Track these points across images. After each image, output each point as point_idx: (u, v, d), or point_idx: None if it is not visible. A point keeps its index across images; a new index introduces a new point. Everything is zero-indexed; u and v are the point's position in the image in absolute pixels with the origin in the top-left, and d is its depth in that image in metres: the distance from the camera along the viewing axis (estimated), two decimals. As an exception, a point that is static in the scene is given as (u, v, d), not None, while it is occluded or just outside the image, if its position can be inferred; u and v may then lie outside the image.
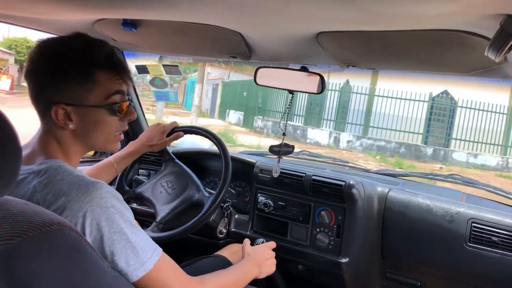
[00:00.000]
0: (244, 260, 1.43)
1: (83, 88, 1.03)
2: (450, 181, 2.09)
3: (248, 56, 1.62)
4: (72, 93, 1.02)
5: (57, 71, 1.01)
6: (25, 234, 0.72)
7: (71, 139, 1.07)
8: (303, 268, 1.93)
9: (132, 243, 0.96)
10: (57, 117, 1.02)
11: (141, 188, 1.79)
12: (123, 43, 1.87)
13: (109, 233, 0.94)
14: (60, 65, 1.01)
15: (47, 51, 1.03)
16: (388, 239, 1.83)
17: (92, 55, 1.04)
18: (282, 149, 1.80)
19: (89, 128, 1.07)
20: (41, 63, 1.02)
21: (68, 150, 1.07)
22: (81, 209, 0.92)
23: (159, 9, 1.23)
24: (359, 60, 1.53)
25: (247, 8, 1.10)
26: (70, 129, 1.04)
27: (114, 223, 0.95)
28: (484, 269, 1.64)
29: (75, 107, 1.03)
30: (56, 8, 1.32)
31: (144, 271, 0.97)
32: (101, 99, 1.06)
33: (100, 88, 1.05)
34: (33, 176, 0.98)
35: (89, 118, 1.06)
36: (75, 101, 1.03)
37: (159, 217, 1.68)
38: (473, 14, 0.88)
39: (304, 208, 1.90)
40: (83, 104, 1.04)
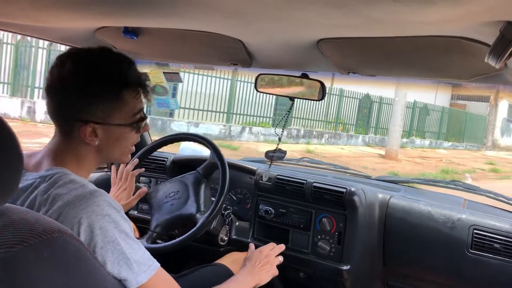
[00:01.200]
0: (240, 272, 1.43)
1: (112, 108, 1.04)
2: (452, 188, 2.09)
3: (249, 64, 1.63)
4: (102, 113, 1.03)
5: (91, 91, 1.01)
6: (26, 242, 0.72)
7: (91, 154, 1.07)
8: (304, 276, 1.92)
9: (125, 254, 0.95)
10: (85, 135, 1.02)
11: (155, 222, 1.76)
12: (124, 51, 1.87)
13: (102, 242, 0.93)
14: (94, 86, 1.01)
15: (80, 69, 1.02)
16: (390, 246, 1.82)
17: (121, 75, 1.04)
18: (276, 154, 1.81)
19: (111, 144, 1.09)
20: (73, 81, 1.01)
21: (84, 163, 1.07)
22: (76, 215, 0.91)
23: (160, 17, 1.24)
24: (359, 67, 1.53)
25: (247, 16, 1.11)
26: (95, 145, 1.05)
27: (108, 232, 0.94)
28: (486, 275, 1.64)
29: (103, 125, 1.04)
30: (57, 17, 1.33)
31: (136, 284, 0.96)
32: (127, 117, 1.08)
33: (127, 107, 1.06)
34: (39, 181, 0.98)
35: (114, 135, 1.08)
36: (103, 119, 1.04)
37: (195, 211, 1.71)
38: (473, 21, 0.89)
39: (305, 215, 1.89)
40: (110, 123, 1.05)
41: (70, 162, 1.04)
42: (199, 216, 1.69)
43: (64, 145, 1.05)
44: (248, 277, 1.41)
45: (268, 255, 1.56)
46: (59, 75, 1.01)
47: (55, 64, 1.02)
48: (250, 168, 2.09)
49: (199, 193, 1.76)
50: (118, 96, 1.04)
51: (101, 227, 0.93)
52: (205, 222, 1.65)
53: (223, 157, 1.76)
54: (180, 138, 1.96)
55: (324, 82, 1.61)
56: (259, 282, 1.44)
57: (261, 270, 1.47)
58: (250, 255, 1.54)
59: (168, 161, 2.22)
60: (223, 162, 1.74)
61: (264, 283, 1.47)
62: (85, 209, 0.92)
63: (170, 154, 2.29)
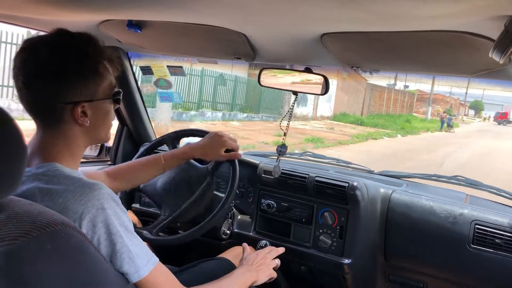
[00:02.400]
0: (238, 268, 1.43)
1: (95, 84, 1.05)
2: (454, 183, 2.09)
3: (252, 57, 1.63)
4: (88, 90, 1.04)
5: (73, 72, 1.01)
6: (29, 234, 0.72)
7: (80, 137, 1.07)
8: (306, 269, 1.93)
9: (128, 247, 0.96)
10: (77, 116, 1.03)
11: (148, 184, 1.78)
12: (128, 44, 1.87)
13: (105, 234, 0.94)
14: (75, 66, 1.01)
15: (57, 54, 1.00)
16: (391, 241, 1.83)
17: (95, 51, 1.05)
18: (282, 149, 1.81)
19: (100, 121, 1.10)
20: (54, 68, 0.99)
21: (75, 147, 1.07)
22: (77, 211, 0.92)
23: (164, 10, 1.24)
24: (363, 62, 1.53)
25: (251, 10, 1.11)
26: (86, 126, 1.05)
27: (110, 225, 0.94)
28: (487, 270, 1.64)
29: (90, 103, 1.05)
30: (61, 9, 1.33)
31: (138, 277, 0.97)
32: (108, 91, 1.09)
33: (105, 81, 1.07)
34: (32, 178, 0.97)
35: (101, 111, 1.09)
36: (91, 97, 1.05)
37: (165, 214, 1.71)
38: (477, 16, 0.89)
39: (307, 209, 1.90)
40: (96, 99, 1.06)
41: (61, 154, 1.04)
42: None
43: (52, 137, 1.04)
44: (247, 273, 1.41)
45: (265, 257, 1.56)
46: (36, 66, 0.99)
47: (26, 58, 1.00)
48: (252, 162, 2.09)
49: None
50: (97, 72, 1.05)
51: (103, 220, 0.93)
52: (211, 218, 1.65)
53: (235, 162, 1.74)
54: (185, 134, 1.96)
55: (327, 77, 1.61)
56: (257, 280, 1.44)
57: (258, 269, 1.47)
58: (246, 256, 1.53)
59: None
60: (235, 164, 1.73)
61: (260, 282, 1.47)
62: (86, 204, 0.92)
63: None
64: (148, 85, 2.11)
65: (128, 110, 2.28)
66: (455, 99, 55.90)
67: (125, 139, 2.36)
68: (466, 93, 58.26)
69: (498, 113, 53.98)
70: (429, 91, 41.42)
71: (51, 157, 1.02)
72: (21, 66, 1.00)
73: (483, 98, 69.25)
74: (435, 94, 47.25)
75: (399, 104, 38.10)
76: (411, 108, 41.96)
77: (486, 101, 69.63)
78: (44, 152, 1.03)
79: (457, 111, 54.05)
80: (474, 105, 65.70)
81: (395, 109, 36.49)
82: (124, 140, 2.36)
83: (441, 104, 46.23)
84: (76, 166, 1.09)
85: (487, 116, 61.33)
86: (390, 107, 35.24)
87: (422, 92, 47.14)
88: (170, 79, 2.19)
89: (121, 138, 2.37)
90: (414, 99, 43.78)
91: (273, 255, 1.59)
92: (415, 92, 45.74)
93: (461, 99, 59.10)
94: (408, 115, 35.84)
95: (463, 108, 60.55)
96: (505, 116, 52.42)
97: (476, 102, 65.91)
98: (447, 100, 51.56)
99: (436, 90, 48.53)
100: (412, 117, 35.05)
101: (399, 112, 36.16)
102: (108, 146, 2.30)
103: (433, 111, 40.96)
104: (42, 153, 1.03)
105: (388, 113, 33.62)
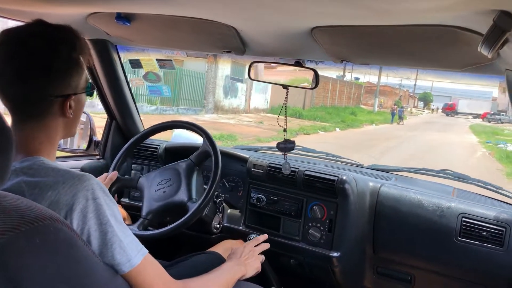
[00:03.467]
0: (227, 262, 1.44)
1: (77, 76, 1.05)
2: (442, 176, 2.11)
3: (242, 51, 1.62)
4: (74, 83, 1.04)
5: (62, 65, 1.00)
6: (17, 229, 0.71)
7: (61, 127, 1.07)
8: (295, 262, 1.94)
9: (119, 237, 0.96)
10: (67, 109, 1.03)
11: (146, 209, 1.76)
12: (116, 37, 1.86)
13: (95, 225, 0.94)
14: (63, 58, 1.00)
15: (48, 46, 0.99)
16: (380, 234, 1.84)
17: (80, 42, 1.05)
18: (287, 145, 1.81)
19: (79, 113, 1.11)
20: (44, 60, 0.98)
21: (55, 139, 1.06)
22: (68, 202, 0.91)
23: (153, 2, 1.23)
24: (353, 55, 1.53)
25: (241, 3, 1.11)
26: (69, 118, 1.05)
27: (101, 215, 0.94)
28: (474, 263, 1.67)
29: (76, 95, 1.05)
30: (49, 1, 1.31)
31: (130, 266, 0.97)
32: (85, 83, 1.09)
33: (83, 73, 1.08)
34: (16, 173, 0.96)
35: (81, 104, 1.10)
36: (76, 89, 1.05)
37: (186, 199, 1.72)
38: (466, 10, 0.89)
39: (296, 203, 1.91)
40: (78, 92, 1.06)
41: (43, 146, 1.03)
42: (190, 204, 1.70)
43: (34, 130, 1.02)
44: (235, 267, 1.42)
45: (253, 250, 1.58)
46: (27, 58, 0.97)
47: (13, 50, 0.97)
48: (242, 156, 2.10)
49: (191, 181, 1.77)
50: (80, 64, 1.05)
51: (93, 210, 0.93)
52: (197, 210, 1.65)
53: (215, 145, 1.76)
54: (172, 126, 1.96)
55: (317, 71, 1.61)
56: (245, 274, 1.45)
57: (246, 263, 1.48)
58: (234, 250, 1.55)
59: (160, 149, 2.22)
60: (216, 150, 1.75)
61: (248, 276, 1.48)
62: (76, 195, 0.92)
63: (162, 142, 2.29)
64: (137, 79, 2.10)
65: (116, 103, 2.26)
66: (404, 91, 56.68)
67: (114, 133, 2.35)
68: (415, 85, 59.21)
69: (446, 104, 55.79)
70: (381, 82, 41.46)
71: (34, 150, 1.01)
72: (8, 57, 0.97)
73: (432, 90, 70.25)
74: (384, 86, 47.43)
75: (346, 96, 36.85)
76: (358, 100, 41.09)
77: (435, 93, 70.52)
78: (26, 146, 1.01)
79: (407, 103, 54.73)
80: (423, 97, 66.85)
81: (341, 101, 35.29)
82: (113, 133, 2.35)
83: (390, 96, 46.59)
84: (54, 156, 1.08)
85: (435, 107, 62.80)
86: (335, 99, 33.77)
87: (372, 84, 46.68)
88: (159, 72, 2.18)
89: (110, 132, 2.35)
90: (361, 90, 43.10)
91: (260, 249, 1.61)
92: (363, 84, 45.17)
93: (411, 91, 60.00)
94: (355, 107, 35.34)
95: (412, 100, 61.47)
96: (453, 107, 54.35)
97: (425, 94, 66.97)
98: (396, 92, 52.33)
99: (386, 82, 49.20)
100: (359, 109, 34.52)
101: (345, 105, 35.17)
102: (97, 140, 2.29)
103: (382, 103, 41.11)
104: (24, 147, 1.01)
105: (333, 105, 32.28)
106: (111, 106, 2.28)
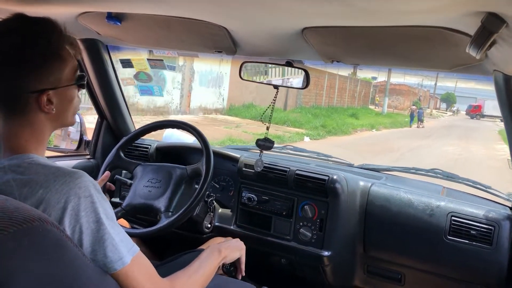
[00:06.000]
0: (206, 251, 1.41)
1: (59, 70, 1.02)
2: (432, 176, 2.13)
3: (233, 51, 1.62)
4: (52, 77, 1.01)
5: (38, 60, 0.99)
6: (5, 230, 0.71)
7: (47, 124, 1.05)
8: (286, 262, 1.94)
9: (110, 234, 0.95)
10: (43, 105, 1.00)
11: (128, 200, 1.77)
12: (107, 37, 1.85)
13: (87, 223, 0.93)
14: (39, 53, 0.99)
15: (23, 41, 0.98)
16: (370, 233, 1.86)
17: (57, 36, 1.02)
18: (265, 144, 1.81)
19: (65, 107, 1.07)
20: (19, 55, 0.97)
21: (41, 134, 1.05)
22: (59, 201, 0.91)
23: (144, 2, 1.23)
24: (343, 56, 1.54)
25: (232, 3, 1.11)
26: (53, 113, 1.03)
27: (93, 212, 0.94)
28: (463, 261, 1.68)
29: (55, 91, 1.02)
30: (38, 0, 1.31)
31: (122, 264, 0.96)
32: (71, 77, 1.06)
33: (68, 66, 1.05)
34: (4, 170, 0.95)
35: (66, 98, 1.06)
36: (55, 84, 1.02)
37: (163, 208, 1.70)
38: (455, 11, 0.90)
39: (287, 202, 1.91)
40: (60, 86, 1.03)
41: (29, 142, 1.02)
42: (164, 216, 1.68)
43: (18, 126, 1.01)
44: (212, 254, 1.39)
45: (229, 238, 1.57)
46: (1, 53, 0.97)
47: None
48: (233, 156, 2.10)
49: (177, 192, 1.75)
50: (60, 58, 1.02)
51: (85, 208, 0.93)
52: (166, 225, 1.65)
53: (208, 144, 1.76)
54: (164, 125, 1.96)
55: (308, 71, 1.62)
56: (226, 256, 1.44)
57: (225, 246, 1.46)
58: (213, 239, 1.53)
59: (151, 148, 2.21)
60: (208, 149, 1.74)
61: (231, 258, 1.48)
62: (68, 192, 0.91)
63: (153, 141, 2.28)
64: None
65: (107, 103, 2.25)
66: (424, 91, 52.32)
67: (104, 133, 2.34)
68: (435, 85, 54.72)
69: (470, 106, 49.49)
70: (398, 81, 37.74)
71: (20, 147, 1.00)
72: None
73: (455, 91, 64.95)
74: (401, 85, 43.39)
75: (349, 94, 30.25)
76: (366, 100, 34.60)
77: (459, 94, 65.28)
78: (11, 143, 1.01)
79: (427, 103, 50.34)
80: (446, 98, 61.87)
81: (342, 100, 28.73)
82: (103, 133, 2.34)
83: (407, 96, 42.57)
84: (44, 153, 1.07)
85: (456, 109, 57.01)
86: (333, 98, 27.13)
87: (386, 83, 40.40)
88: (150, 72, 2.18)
89: (100, 132, 2.34)
90: (370, 88, 36.23)
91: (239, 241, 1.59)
92: (370, 81, 38.56)
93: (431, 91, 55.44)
94: (361, 108, 29.74)
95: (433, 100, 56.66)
96: (478, 109, 47.63)
97: (448, 95, 61.64)
98: (415, 91, 46.79)
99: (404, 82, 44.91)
100: (366, 111, 29.43)
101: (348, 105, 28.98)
102: (87, 140, 2.28)
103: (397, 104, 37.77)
104: (10, 144, 1.00)
105: (331, 105, 26.18)
106: (102, 106, 2.27)
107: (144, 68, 2.12)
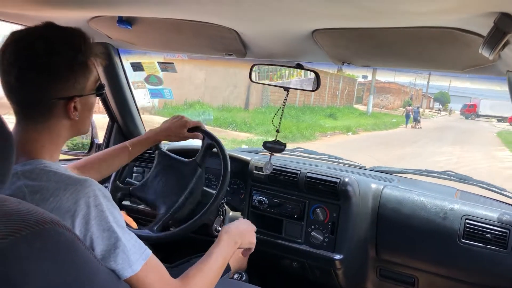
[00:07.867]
0: (213, 244, 1.38)
1: (84, 78, 1.05)
2: (445, 178, 2.10)
3: (243, 54, 1.62)
4: (79, 85, 1.04)
5: (68, 67, 1.01)
6: (18, 233, 0.71)
7: (67, 129, 1.07)
8: (298, 265, 1.93)
9: (122, 241, 0.96)
10: (70, 111, 1.03)
11: (138, 187, 1.77)
12: (118, 41, 1.86)
13: (98, 231, 0.93)
14: (69, 61, 1.01)
15: (54, 48, 1.00)
16: (383, 236, 1.84)
17: (86, 45, 1.05)
18: (275, 146, 1.80)
19: (86, 115, 1.11)
20: (49, 62, 0.98)
21: (59, 140, 1.07)
22: (69, 209, 0.91)
23: (154, 6, 1.23)
24: (353, 58, 1.53)
25: (242, 6, 1.11)
26: (76, 119, 1.06)
27: (103, 221, 0.94)
28: (477, 265, 1.66)
29: (81, 97, 1.06)
30: (51, 5, 1.32)
31: (132, 272, 0.96)
32: (94, 85, 1.10)
33: (92, 75, 1.08)
34: (18, 176, 0.96)
35: (88, 105, 1.10)
36: (81, 92, 1.05)
37: (162, 211, 1.69)
38: (467, 12, 0.89)
39: (298, 205, 1.90)
40: (85, 94, 1.07)
41: (45, 148, 1.03)
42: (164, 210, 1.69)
43: (36, 131, 1.02)
44: (228, 246, 1.38)
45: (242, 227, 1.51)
46: (32, 59, 0.98)
47: (21, 50, 0.98)
48: (244, 159, 2.09)
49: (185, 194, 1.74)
50: (87, 67, 1.05)
51: (96, 216, 0.93)
52: (183, 230, 1.64)
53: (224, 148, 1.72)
54: None
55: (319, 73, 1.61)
56: (241, 244, 1.43)
57: (240, 235, 1.44)
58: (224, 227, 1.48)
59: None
60: (224, 153, 1.71)
61: (245, 245, 1.46)
62: (78, 202, 0.92)
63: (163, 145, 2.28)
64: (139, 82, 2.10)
65: (118, 106, 2.27)
66: (416, 89, 49.49)
67: (115, 136, 2.35)
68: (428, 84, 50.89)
69: (465, 105, 46.65)
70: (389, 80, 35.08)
71: (35, 153, 1.01)
72: (14, 58, 0.98)
73: (449, 90, 61.07)
74: (390, 84, 40.52)
75: (329, 92, 27.09)
76: (350, 98, 31.61)
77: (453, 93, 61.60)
78: (27, 148, 1.01)
79: (420, 103, 46.56)
80: (439, 97, 58.23)
81: (321, 99, 25.61)
82: (114, 136, 2.35)
83: (397, 95, 40.22)
84: (57, 159, 1.08)
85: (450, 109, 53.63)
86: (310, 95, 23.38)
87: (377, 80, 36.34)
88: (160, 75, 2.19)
89: (112, 135, 2.35)
90: (354, 86, 33.34)
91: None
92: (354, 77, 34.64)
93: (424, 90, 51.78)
94: (343, 108, 27.17)
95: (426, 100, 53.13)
96: (473, 108, 44.95)
97: (442, 94, 58.08)
98: (406, 90, 43.78)
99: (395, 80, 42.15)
100: (349, 110, 26.75)
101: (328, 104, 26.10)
102: (98, 143, 2.29)
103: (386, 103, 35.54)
104: (26, 149, 1.01)
105: (308, 104, 23.49)
106: (113, 109, 2.29)
107: (155, 71, 2.13)
